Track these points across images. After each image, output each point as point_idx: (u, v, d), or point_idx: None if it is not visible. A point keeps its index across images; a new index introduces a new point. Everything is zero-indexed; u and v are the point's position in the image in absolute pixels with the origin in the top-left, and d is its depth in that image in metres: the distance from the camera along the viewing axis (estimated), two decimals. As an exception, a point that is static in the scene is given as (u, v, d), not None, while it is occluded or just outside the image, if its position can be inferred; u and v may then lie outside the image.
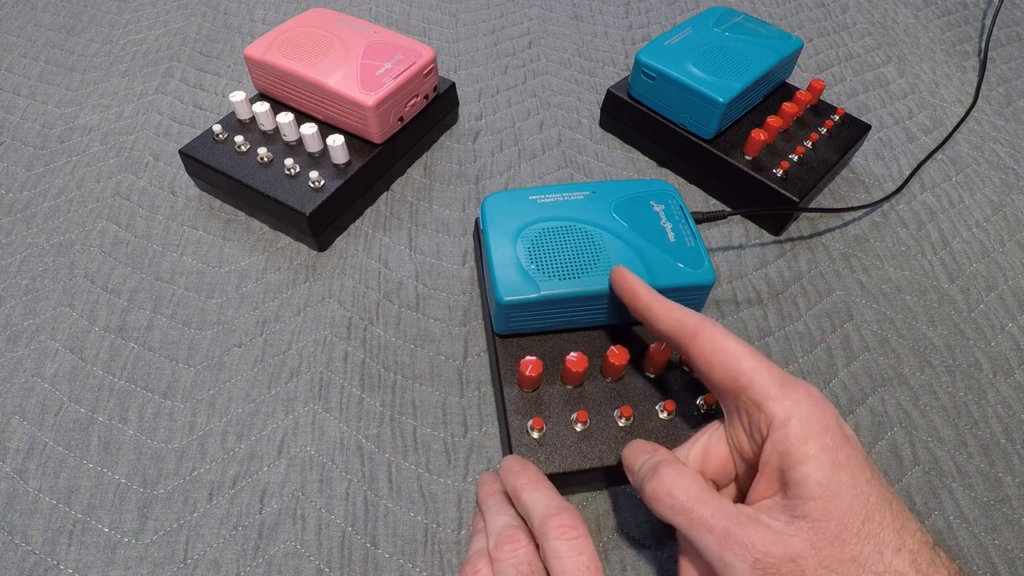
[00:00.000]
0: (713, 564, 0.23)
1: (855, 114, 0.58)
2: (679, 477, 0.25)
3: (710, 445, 0.28)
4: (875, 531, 0.21)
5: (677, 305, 0.29)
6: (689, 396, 0.35)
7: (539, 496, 0.27)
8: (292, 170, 0.45)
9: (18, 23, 0.66)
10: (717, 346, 0.27)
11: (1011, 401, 0.40)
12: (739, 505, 0.24)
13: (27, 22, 0.66)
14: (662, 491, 0.25)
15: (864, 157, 0.55)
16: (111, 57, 0.62)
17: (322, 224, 0.44)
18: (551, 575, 0.25)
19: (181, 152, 0.47)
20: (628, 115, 0.53)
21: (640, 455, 0.28)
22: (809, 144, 0.49)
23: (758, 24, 0.53)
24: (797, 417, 0.23)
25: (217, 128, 0.47)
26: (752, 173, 0.47)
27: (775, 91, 0.53)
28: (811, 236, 0.49)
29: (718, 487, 0.28)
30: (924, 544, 0.22)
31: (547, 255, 0.35)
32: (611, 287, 0.33)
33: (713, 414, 0.34)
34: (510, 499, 0.31)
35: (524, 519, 0.28)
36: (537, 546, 0.26)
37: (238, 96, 0.47)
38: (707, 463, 0.27)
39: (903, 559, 0.21)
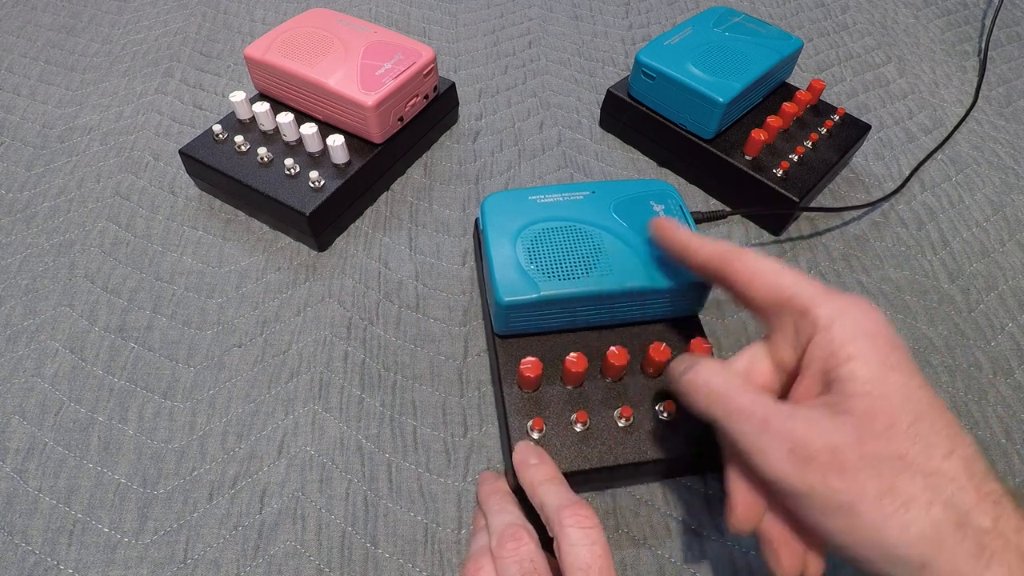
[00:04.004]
0: (750, 454, 0.23)
1: (855, 114, 0.58)
2: (719, 369, 0.26)
3: (754, 361, 0.27)
4: (925, 432, 0.20)
5: (712, 238, 0.30)
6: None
7: (555, 490, 0.27)
8: (292, 170, 0.45)
9: (18, 23, 0.66)
10: (757, 266, 0.27)
11: (1011, 401, 0.40)
12: (780, 401, 0.24)
13: (27, 22, 0.66)
14: (700, 380, 0.26)
15: (864, 157, 0.55)
16: (111, 57, 0.62)
17: (322, 224, 0.44)
18: (563, 562, 0.24)
19: (181, 152, 0.47)
20: (628, 115, 0.53)
21: (683, 360, 0.28)
22: (809, 144, 0.49)
23: (758, 24, 0.53)
24: (843, 319, 0.24)
25: (217, 128, 0.47)
26: (752, 173, 0.47)
27: (775, 91, 0.53)
28: (811, 236, 0.49)
29: None
30: (978, 455, 0.21)
31: (547, 255, 0.35)
32: (654, 236, 0.34)
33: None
34: (511, 497, 0.31)
35: (537, 510, 0.28)
36: (547, 542, 0.26)
37: (238, 96, 0.47)
38: (751, 379, 0.27)
39: (955, 463, 0.20)
